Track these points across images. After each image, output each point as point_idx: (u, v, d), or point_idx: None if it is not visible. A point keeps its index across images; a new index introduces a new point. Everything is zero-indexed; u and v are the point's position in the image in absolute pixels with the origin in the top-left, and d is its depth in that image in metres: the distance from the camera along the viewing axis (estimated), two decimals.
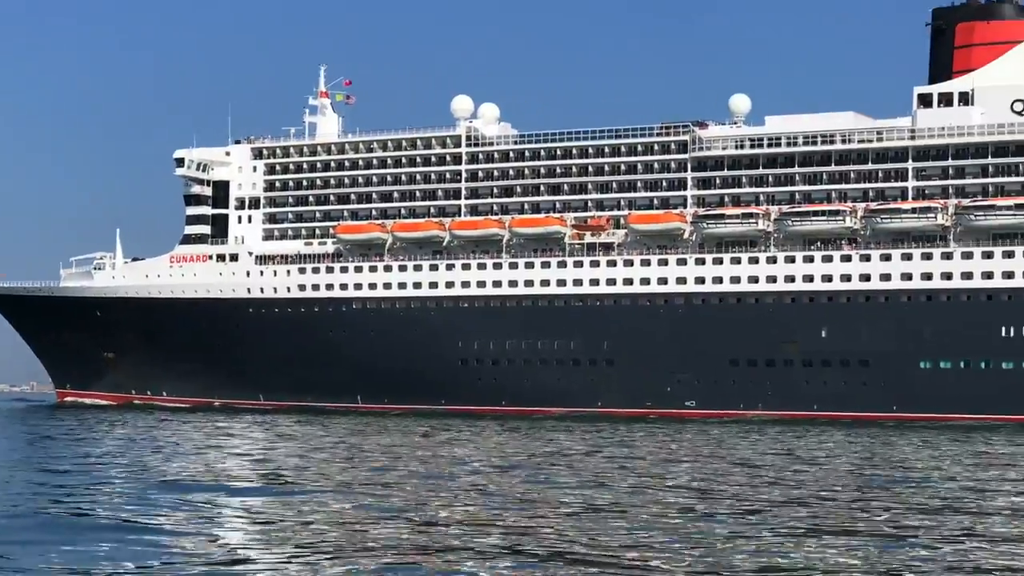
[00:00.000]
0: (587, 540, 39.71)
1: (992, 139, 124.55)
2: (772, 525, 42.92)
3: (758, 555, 37.25)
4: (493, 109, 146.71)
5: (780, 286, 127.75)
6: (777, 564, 36.03)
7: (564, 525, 42.84)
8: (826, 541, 39.60)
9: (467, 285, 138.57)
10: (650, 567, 35.53)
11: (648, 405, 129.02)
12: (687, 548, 38.34)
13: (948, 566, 35.86)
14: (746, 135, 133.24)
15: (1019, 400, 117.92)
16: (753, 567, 35.54)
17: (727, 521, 43.81)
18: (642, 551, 37.79)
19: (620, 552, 37.63)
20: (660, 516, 45.06)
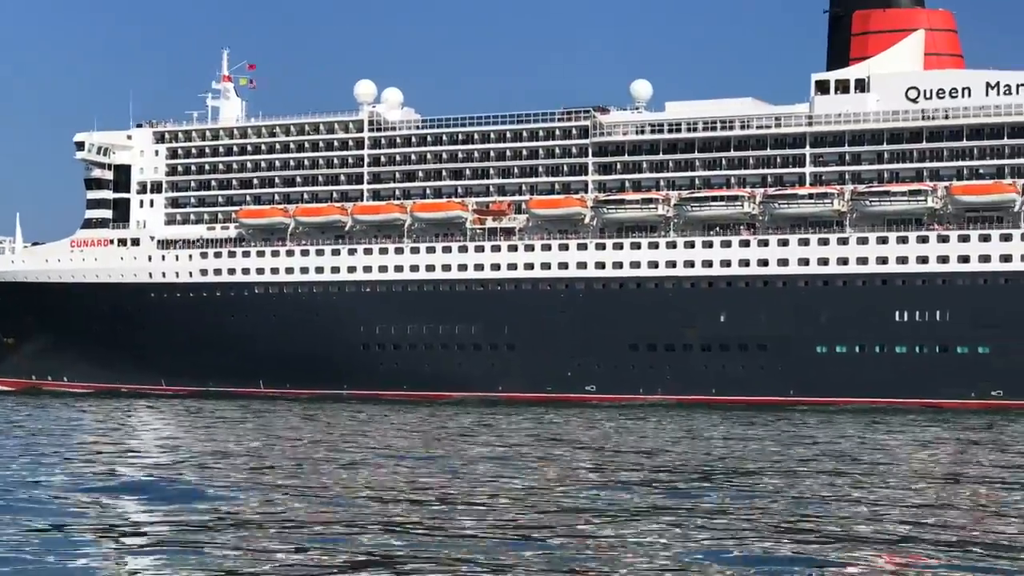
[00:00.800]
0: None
1: (887, 126, 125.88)
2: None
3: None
4: (396, 94, 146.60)
5: (679, 271, 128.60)
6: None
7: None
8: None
9: (369, 270, 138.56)
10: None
11: (549, 390, 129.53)
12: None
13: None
14: (646, 121, 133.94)
15: (913, 384, 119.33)
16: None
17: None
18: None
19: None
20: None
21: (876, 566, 36.69)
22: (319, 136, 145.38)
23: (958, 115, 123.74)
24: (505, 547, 38.30)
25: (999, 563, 36.95)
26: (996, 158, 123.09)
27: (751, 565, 36.28)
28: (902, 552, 38.66)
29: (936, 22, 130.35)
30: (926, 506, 48.44)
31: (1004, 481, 57.28)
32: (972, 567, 36.51)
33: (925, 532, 41.99)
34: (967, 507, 48.44)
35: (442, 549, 37.98)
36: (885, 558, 37.47)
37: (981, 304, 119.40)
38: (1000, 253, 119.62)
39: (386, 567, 35.67)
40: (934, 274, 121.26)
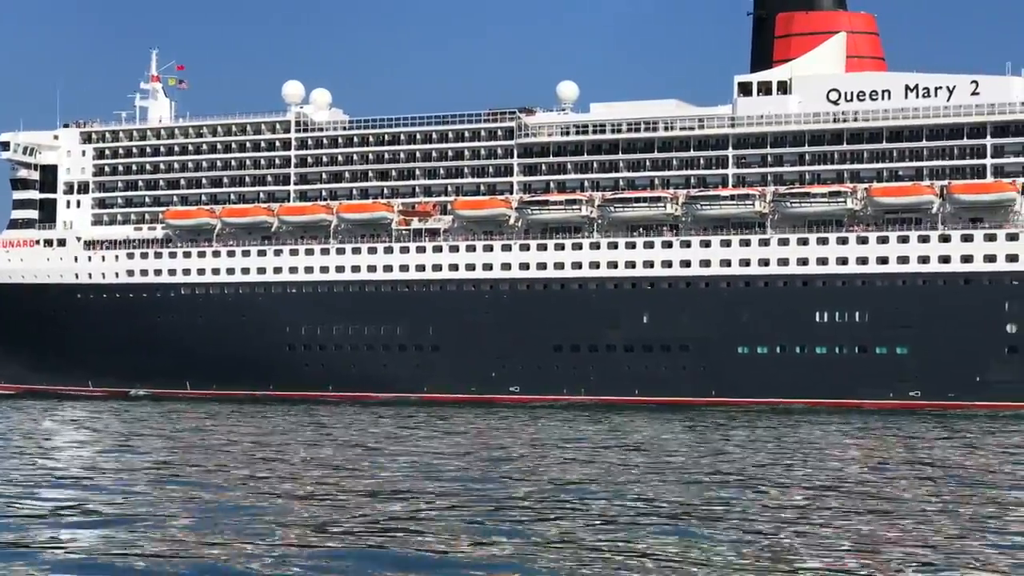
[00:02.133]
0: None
1: (808, 127, 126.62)
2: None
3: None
4: (325, 95, 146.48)
5: (603, 272, 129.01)
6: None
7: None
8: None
9: (295, 271, 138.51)
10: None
11: (473, 391, 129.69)
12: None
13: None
14: (571, 122, 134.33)
15: (833, 384, 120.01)
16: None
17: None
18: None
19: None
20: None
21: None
22: (246, 137, 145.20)
23: (878, 117, 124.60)
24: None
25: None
26: (915, 160, 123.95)
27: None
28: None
29: (858, 25, 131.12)
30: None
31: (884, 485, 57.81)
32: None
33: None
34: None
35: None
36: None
37: (899, 305, 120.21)
38: (918, 254, 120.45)
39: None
40: (853, 275, 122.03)
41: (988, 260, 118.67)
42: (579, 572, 35.79)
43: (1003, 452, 73.50)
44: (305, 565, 36.51)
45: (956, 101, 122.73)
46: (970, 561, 38.00)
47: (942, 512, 47.13)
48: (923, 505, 48.93)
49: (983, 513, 47.09)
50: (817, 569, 36.70)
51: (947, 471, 61.99)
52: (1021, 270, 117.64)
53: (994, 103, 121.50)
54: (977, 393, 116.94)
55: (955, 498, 51.22)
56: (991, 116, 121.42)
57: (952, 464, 65.76)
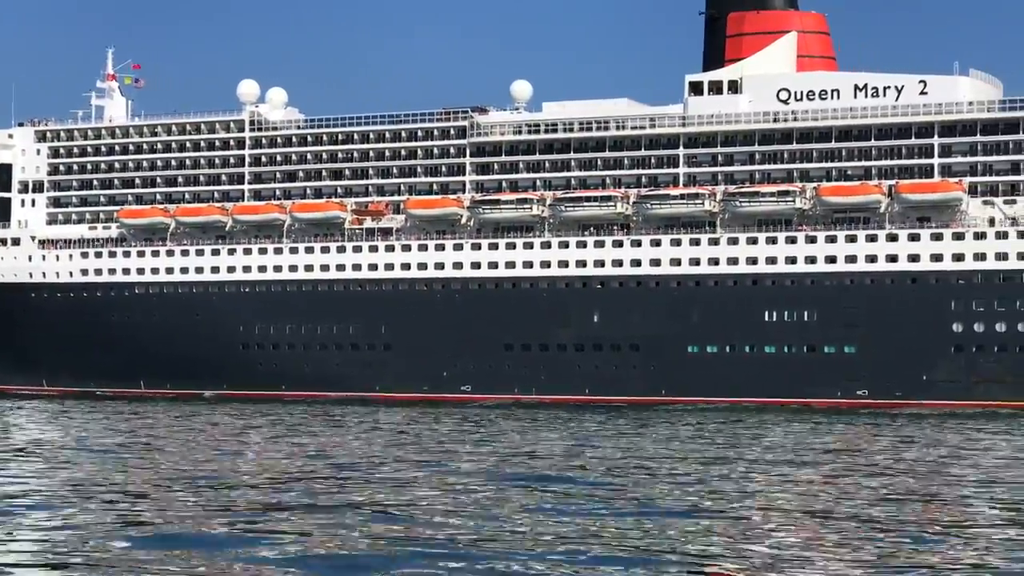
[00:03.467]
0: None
1: (758, 127, 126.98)
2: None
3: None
4: (280, 94, 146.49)
5: (554, 271, 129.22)
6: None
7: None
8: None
9: (248, 270, 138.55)
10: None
11: (425, 390, 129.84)
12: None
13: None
14: (523, 121, 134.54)
15: (782, 384, 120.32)
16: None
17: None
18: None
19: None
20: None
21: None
22: (200, 136, 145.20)
23: (827, 117, 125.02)
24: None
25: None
26: (864, 159, 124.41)
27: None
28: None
29: (809, 24, 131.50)
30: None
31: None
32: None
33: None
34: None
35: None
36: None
37: (847, 304, 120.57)
38: (866, 254, 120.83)
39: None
40: (802, 274, 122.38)
41: (935, 259, 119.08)
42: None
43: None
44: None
45: (904, 101, 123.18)
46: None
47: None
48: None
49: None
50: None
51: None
52: (967, 269, 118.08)
53: (941, 103, 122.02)
54: (923, 392, 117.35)
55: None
56: (938, 116, 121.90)
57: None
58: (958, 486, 55.14)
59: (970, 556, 37.95)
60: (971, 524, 44.08)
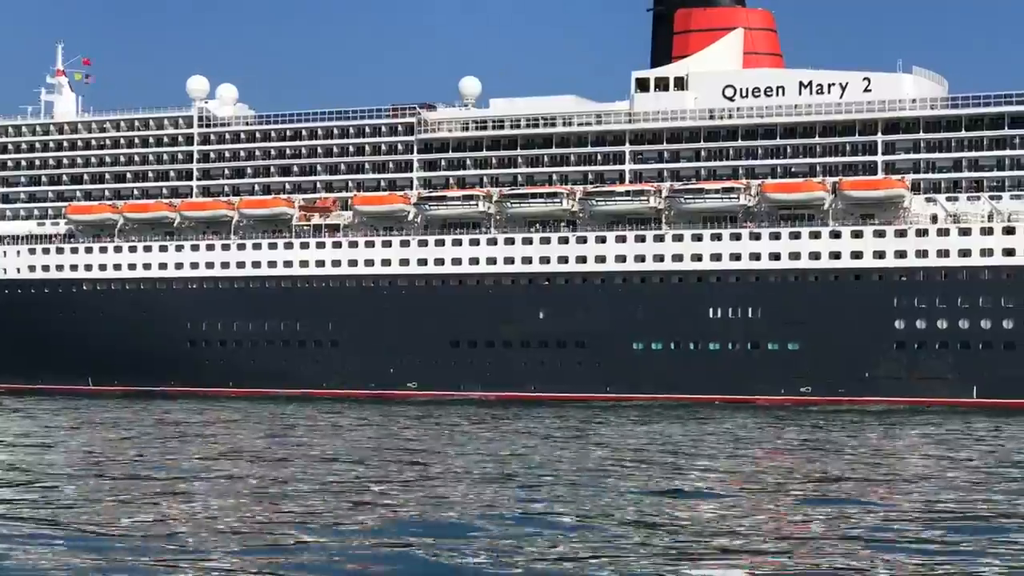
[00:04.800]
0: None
1: (704, 124, 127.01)
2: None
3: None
4: (231, 90, 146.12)
5: (500, 268, 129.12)
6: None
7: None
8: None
9: (196, 266, 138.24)
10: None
11: (372, 387, 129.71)
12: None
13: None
14: (471, 118, 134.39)
15: (726, 381, 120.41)
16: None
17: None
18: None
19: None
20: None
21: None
22: (149, 132, 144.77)
23: (772, 114, 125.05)
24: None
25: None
26: (808, 157, 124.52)
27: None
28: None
29: (755, 21, 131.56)
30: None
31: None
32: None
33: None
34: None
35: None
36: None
37: (791, 301, 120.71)
38: (809, 251, 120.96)
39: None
40: (747, 271, 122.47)
41: (877, 256, 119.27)
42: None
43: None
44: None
45: (848, 98, 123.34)
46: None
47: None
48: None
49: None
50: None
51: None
52: (909, 266, 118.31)
53: (885, 100, 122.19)
54: (866, 389, 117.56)
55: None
56: (882, 113, 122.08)
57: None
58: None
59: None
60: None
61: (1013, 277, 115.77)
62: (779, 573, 36.88)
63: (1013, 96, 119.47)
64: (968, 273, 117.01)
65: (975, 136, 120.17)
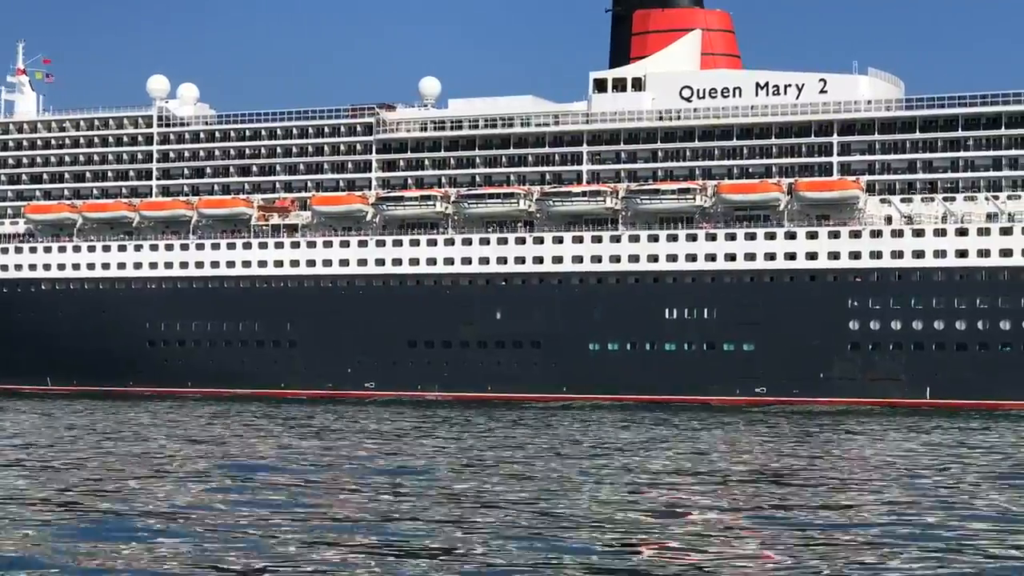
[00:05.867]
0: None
1: (661, 125, 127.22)
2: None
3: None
4: (192, 89, 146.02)
5: (457, 268, 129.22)
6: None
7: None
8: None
9: (155, 266, 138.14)
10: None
11: (330, 387, 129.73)
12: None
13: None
14: (429, 118, 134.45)
15: (682, 381, 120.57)
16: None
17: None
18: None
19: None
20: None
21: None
22: (108, 131, 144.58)
23: (728, 115, 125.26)
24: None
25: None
26: (764, 157, 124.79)
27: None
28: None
29: (713, 22, 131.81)
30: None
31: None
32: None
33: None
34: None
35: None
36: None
37: (747, 302, 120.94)
38: (765, 251, 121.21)
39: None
40: (703, 272, 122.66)
41: (832, 257, 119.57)
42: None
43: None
44: None
45: (805, 99, 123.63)
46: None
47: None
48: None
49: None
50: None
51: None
52: (864, 267, 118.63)
53: (840, 101, 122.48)
54: (821, 390, 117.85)
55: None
56: (837, 114, 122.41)
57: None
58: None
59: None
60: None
61: (966, 278, 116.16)
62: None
63: (967, 98, 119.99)
64: (922, 274, 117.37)
65: (929, 138, 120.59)
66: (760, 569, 37.93)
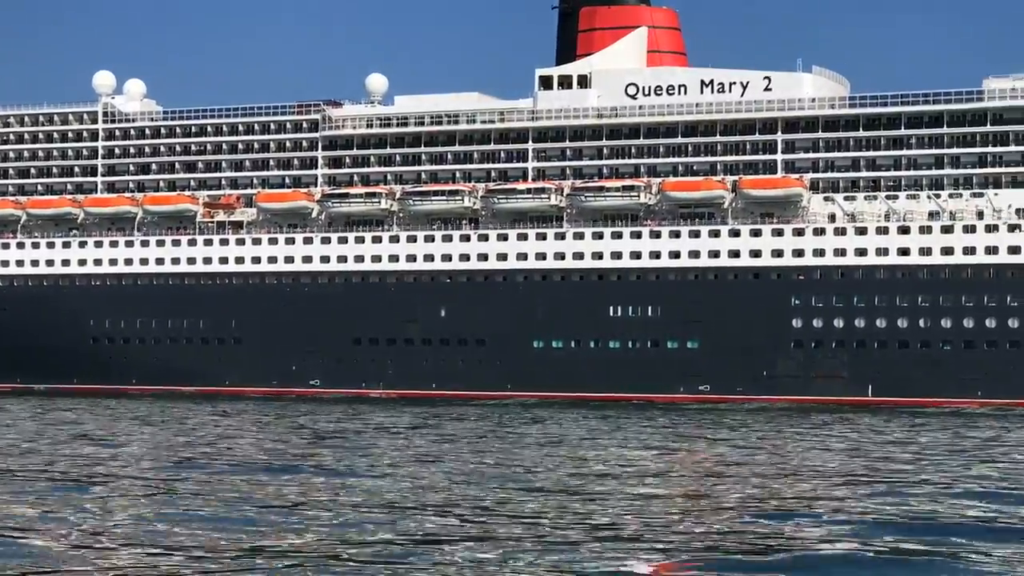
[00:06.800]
0: None
1: (606, 122, 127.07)
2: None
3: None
4: (138, 85, 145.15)
5: (402, 265, 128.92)
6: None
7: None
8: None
9: (99, 263, 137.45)
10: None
11: (275, 384, 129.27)
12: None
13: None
14: (375, 115, 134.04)
15: (626, 379, 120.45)
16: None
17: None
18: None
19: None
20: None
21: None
22: (54, 127, 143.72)
23: (673, 112, 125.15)
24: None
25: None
26: (709, 155, 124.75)
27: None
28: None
29: (659, 20, 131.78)
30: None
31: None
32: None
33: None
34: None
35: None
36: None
37: (691, 299, 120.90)
38: (709, 249, 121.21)
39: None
40: (647, 269, 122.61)
41: (776, 255, 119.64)
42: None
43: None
44: None
45: (749, 97, 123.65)
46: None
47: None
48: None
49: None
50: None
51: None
52: (807, 265, 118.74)
53: (785, 99, 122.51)
54: (764, 388, 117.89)
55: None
56: (782, 112, 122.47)
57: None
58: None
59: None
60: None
61: (908, 276, 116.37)
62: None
63: (909, 96, 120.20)
64: (864, 272, 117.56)
65: (873, 136, 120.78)
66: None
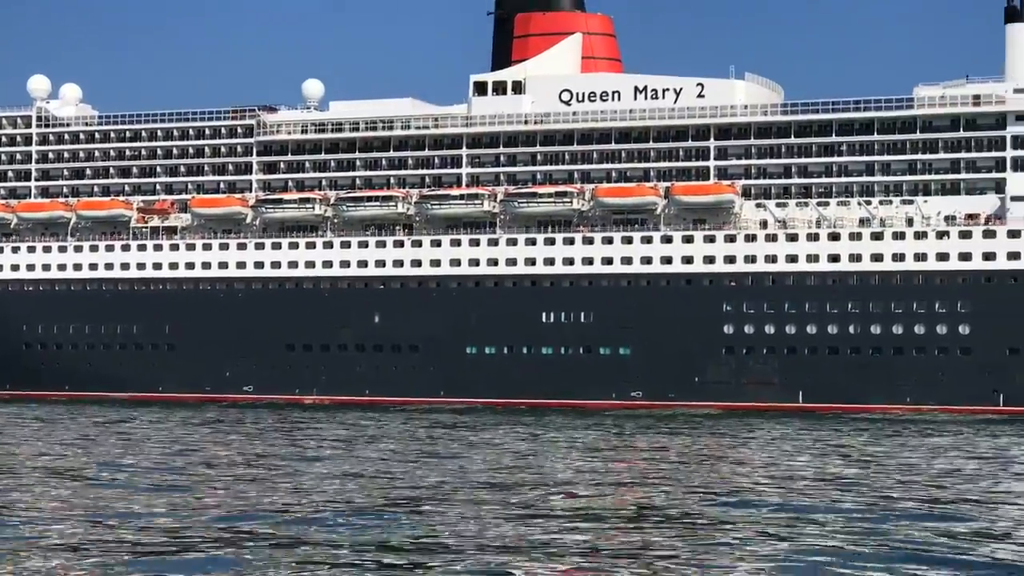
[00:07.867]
0: None
1: (540, 128, 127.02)
2: None
3: None
4: (74, 90, 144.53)
5: (336, 271, 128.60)
6: None
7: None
8: None
9: (32, 268, 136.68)
10: None
11: (207, 390, 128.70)
12: None
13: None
14: (310, 120, 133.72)
15: (558, 385, 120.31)
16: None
17: None
18: None
19: None
20: None
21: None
22: None
23: (607, 118, 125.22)
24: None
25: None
26: (642, 161, 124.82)
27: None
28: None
29: (594, 26, 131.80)
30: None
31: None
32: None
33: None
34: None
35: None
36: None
37: (623, 306, 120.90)
38: (641, 255, 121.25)
39: None
40: (580, 276, 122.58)
41: (708, 261, 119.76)
42: None
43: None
44: None
45: (682, 104, 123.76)
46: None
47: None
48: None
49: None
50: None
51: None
52: (738, 272, 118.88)
53: (717, 106, 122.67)
54: (696, 394, 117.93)
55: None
56: (714, 119, 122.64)
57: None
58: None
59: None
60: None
61: (838, 283, 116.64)
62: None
63: (841, 103, 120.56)
64: (795, 279, 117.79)
65: (804, 143, 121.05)
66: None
